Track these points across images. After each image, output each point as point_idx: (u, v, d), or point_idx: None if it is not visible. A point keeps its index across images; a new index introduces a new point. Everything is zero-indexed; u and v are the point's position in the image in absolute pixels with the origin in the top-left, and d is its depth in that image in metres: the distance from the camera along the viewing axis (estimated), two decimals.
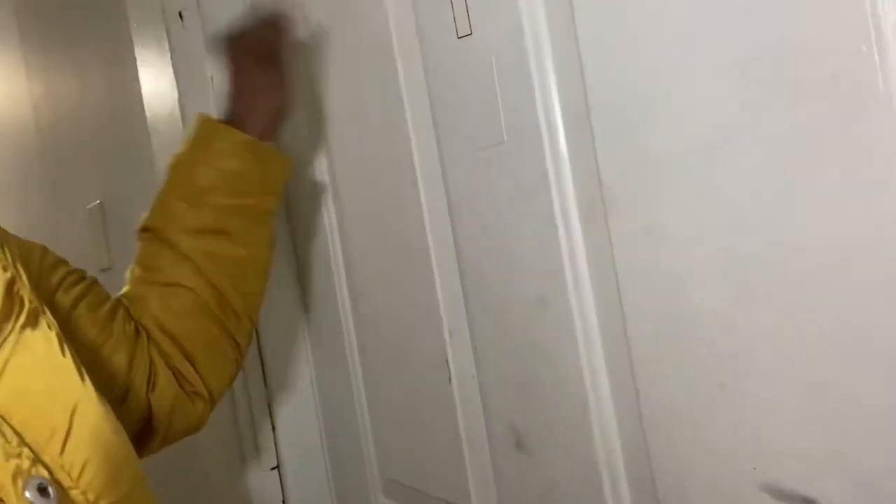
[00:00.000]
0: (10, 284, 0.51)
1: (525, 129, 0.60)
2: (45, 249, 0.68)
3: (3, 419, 0.46)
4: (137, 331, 0.69)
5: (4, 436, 0.45)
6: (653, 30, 0.50)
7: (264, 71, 0.76)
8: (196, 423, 0.73)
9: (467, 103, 0.65)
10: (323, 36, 0.82)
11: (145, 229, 0.74)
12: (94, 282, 0.70)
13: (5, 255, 0.55)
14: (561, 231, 0.59)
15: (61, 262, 0.69)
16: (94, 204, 1.25)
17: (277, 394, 0.94)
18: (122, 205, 1.18)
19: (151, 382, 0.68)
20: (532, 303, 0.62)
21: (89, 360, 0.64)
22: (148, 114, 1.02)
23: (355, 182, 0.83)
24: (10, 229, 0.65)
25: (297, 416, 0.94)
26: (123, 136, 1.12)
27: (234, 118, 0.75)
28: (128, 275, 0.74)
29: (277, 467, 0.92)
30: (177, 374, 0.70)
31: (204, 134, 0.75)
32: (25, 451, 0.45)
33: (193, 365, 0.71)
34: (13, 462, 0.44)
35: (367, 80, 0.77)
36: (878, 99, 0.39)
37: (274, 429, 0.93)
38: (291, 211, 0.93)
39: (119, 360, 0.66)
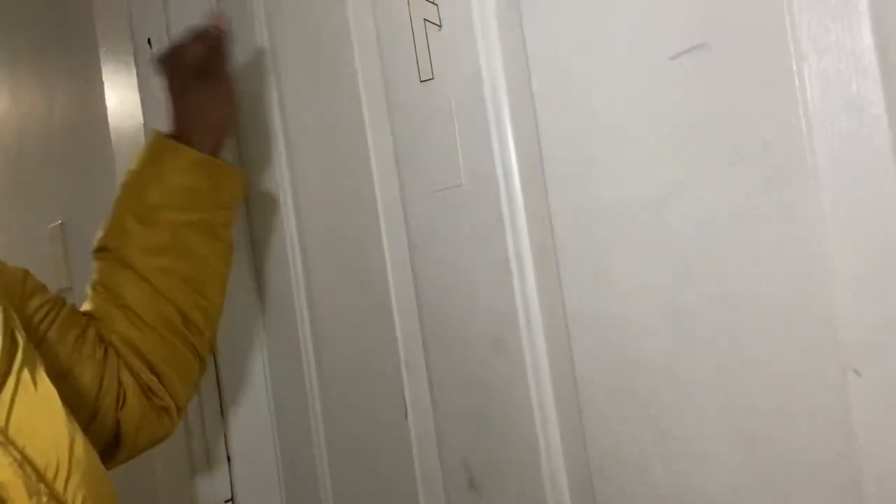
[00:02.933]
0: (6, 322, 0.52)
1: (482, 173, 0.61)
2: (26, 275, 0.68)
3: (21, 453, 0.46)
4: (107, 351, 0.70)
5: (25, 472, 0.45)
6: (602, 92, 0.52)
7: (204, 86, 0.77)
8: (163, 435, 0.74)
9: (428, 145, 0.66)
10: (293, 73, 0.83)
11: (102, 248, 0.75)
12: (66, 306, 0.71)
13: None
14: (515, 275, 0.60)
15: (40, 289, 0.69)
16: (55, 224, 1.24)
17: (234, 426, 0.93)
18: (85, 226, 1.17)
19: (120, 400, 0.70)
20: (488, 344, 0.63)
21: (59, 386, 0.65)
22: (113, 137, 1.02)
23: (320, 216, 0.83)
24: None
25: (254, 449, 0.93)
26: (88, 157, 1.11)
27: (181, 134, 0.76)
28: (89, 292, 0.75)
29: (231, 500, 0.91)
30: (144, 389, 0.72)
31: (156, 151, 0.76)
32: (42, 487, 0.46)
33: (160, 379, 0.73)
34: (34, 499, 0.45)
35: (334, 120, 0.78)
36: (805, 168, 0.41)
37: (229, 461, 0.92)
38: (255, 243, 0.93)
39: (88, 381, 0.67)
